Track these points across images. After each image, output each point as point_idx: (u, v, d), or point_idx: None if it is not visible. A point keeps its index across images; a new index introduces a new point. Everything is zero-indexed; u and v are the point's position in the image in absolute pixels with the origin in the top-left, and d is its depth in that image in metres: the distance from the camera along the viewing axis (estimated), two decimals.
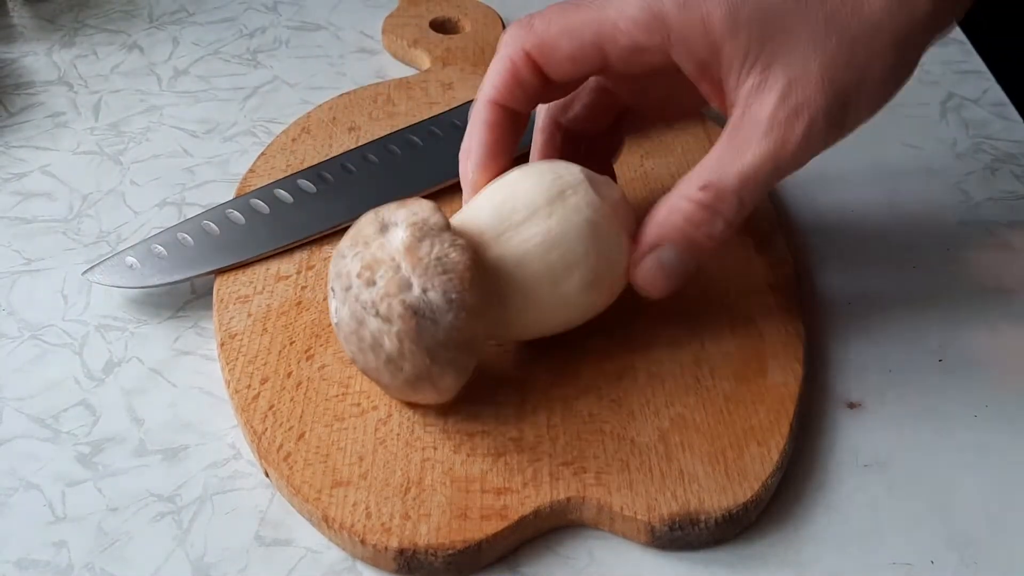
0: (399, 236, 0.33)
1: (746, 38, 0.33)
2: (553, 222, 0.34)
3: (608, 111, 0.41)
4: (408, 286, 0.32)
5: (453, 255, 0.32)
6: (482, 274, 0.33)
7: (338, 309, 0.34)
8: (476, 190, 0.37)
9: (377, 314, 0.32)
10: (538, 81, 0.36)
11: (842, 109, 0.33)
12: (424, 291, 0.32)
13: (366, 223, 0.34)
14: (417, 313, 0.32)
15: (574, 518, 0.34)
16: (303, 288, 0.41)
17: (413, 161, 0.47)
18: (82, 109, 0.53)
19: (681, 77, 0.35)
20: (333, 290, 0.34)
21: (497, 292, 0.34)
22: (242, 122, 0.53)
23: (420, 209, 0.34)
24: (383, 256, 0.33)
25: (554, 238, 0.34)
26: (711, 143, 0.48)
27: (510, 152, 0.38)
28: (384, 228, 0.34)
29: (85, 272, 0.41)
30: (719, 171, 0.34)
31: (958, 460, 0.37)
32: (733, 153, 0.34)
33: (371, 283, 0.32)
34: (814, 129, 0.33)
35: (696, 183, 0.34)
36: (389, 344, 0.32)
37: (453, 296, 0.32)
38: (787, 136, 0.33)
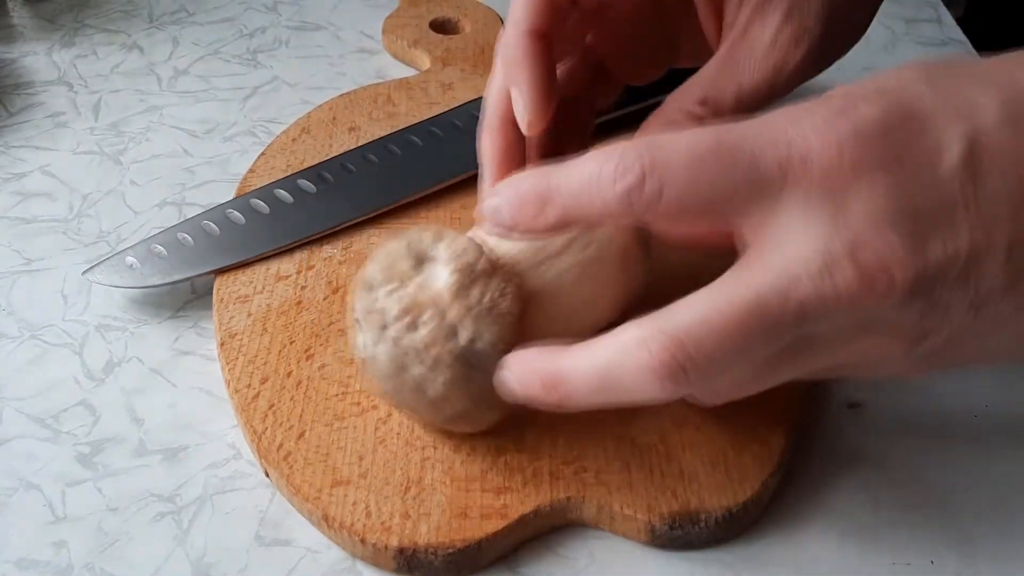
0: (442, 277, 0.32)
1: None
2: (589, 253, 0.33)
3: (585, 68, 0.40)
4: (454, 334, 0.31)
5: (504, 305, 0.32)
6: (525, 316, 0.32)
7: (367, 345, 0.32)
8: (536, 131, 0.36)
9: (422, 362, 0.31)
10: (567, 3, 0.36)
11: (831, 40, 0.34)
12: (472, 341, 0.31)
13: (398, 256, 0.33)
14: (466, 364, 0.31)
15: (574, 517, 0.34)
16: (303, 288, 0.41)
17: (413, 161, 0.47)
18: (82, 109, 0.53)
19: (657, 24, 0.36)
20: (359, 322, 0.33)
21: (533, 327, 0.33)
22: (242, 122, 0.53)
23: (463, 251, 0.32)
24: (425, 299, 0.32)
25: (590, 270, 0.33)
26: None
27: (554, 92, 0.36)
28: (420, 262, 0.32)
29: (85, 272, 0.41)
30: (717, 88, 0.34)
31: (958, 460, 0.37)
32: (732, 71, 0.34)
33: (413, 327, 0.31)
34: (811, 56, 0.34)
35: (694, 97, 0.34)
36: (433, 391, 0.32)
37: (502, 347, 0.31)
38: (788, 59, 0.34)
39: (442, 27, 0.59)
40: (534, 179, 0.29)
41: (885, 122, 0.26)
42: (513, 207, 0.30)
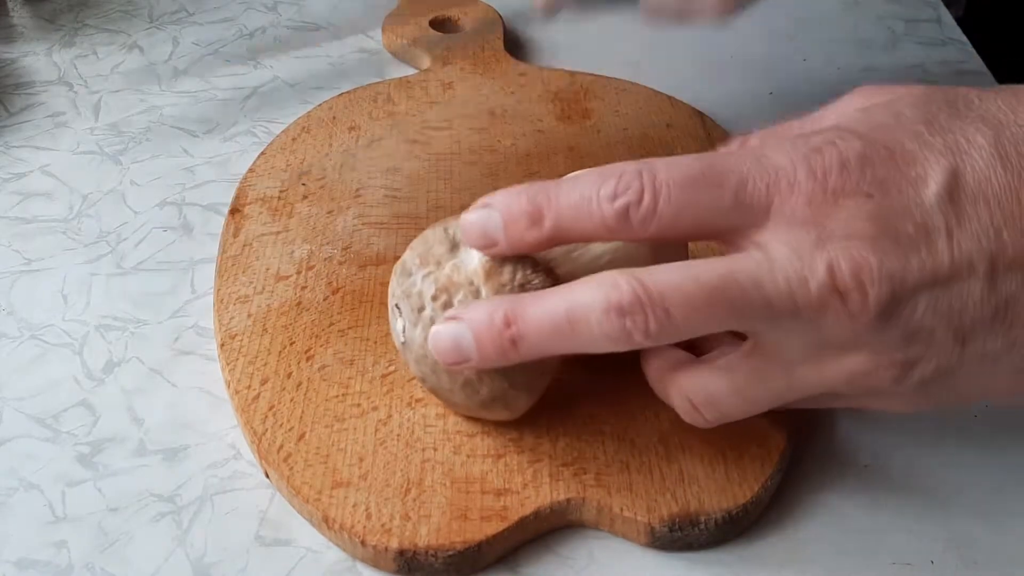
0: (475, 258, 0.32)
1: None
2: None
3: None
4: None
5: (536, 282, 0.32)
6: None
7: (406, 329, 0.33)
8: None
9: None
10: None
11: None
12: None
13: (435, 240, 0.33)
14: None
15: (574, 519, 0.34)
16: (303, 288, 0.41)
17: None
18: (82, 109, 0.53)
19: None
20: (398, 308, 0.33)
21: None
22: (242, 122, 0.53)
23: None
24: (459, 279, 0.32)
25: (623, 256, 0.33)
26: (711, 143, 0.48)
27: None
28: (455, 246, 0.33)
29: None
30: None
31: (958, 460, 0.37)
32: None
33: (448, 307, 0.32)
34: None
35: None
36: (468, 370, 0.32)
37: None
38: None
39: (442, 25, 0.59)
40: (528, 192, 0.31)
41: (870, 155, 0.28)
42: (505, 218, 0.31)
